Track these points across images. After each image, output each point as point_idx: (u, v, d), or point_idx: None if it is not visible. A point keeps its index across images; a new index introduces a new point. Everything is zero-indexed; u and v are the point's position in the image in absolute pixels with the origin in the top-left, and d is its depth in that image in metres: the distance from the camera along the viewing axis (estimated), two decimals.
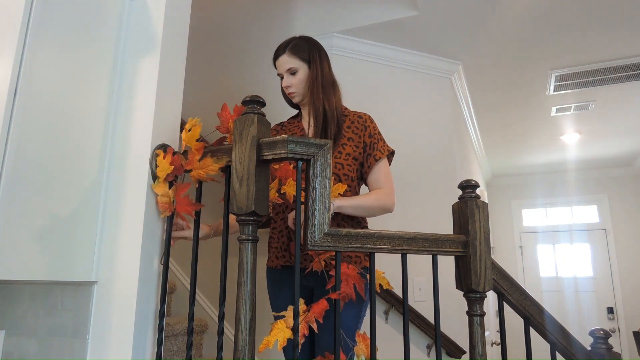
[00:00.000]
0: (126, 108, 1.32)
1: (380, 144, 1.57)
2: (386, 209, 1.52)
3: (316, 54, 1.59)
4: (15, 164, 1.02)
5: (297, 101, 1.63)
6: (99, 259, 1.23)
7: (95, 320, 1.19)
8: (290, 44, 1.58)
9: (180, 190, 1.21)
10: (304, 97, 1.61)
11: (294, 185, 1.28)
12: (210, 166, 1.15)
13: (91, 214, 1.23)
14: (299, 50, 1.57)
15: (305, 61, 1.57)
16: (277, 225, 1.59)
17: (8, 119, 1.01)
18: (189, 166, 1.18)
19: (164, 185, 1.22)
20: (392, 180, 1.57)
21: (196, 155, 1.17)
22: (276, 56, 1.61)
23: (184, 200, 1.20)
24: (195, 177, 1.18)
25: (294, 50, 1.57)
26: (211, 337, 2.53)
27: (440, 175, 2.89)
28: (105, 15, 1.31)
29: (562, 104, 3.79)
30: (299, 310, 1.06)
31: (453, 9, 2.54)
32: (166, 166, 1.19)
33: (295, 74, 1.57)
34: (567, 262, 5.69)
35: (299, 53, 1.57)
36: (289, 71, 1.57)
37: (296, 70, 1.57)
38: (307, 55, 1.57)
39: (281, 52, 1.58)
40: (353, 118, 1.60)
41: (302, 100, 1.62)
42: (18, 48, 1.04)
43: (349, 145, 1.54)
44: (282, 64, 1.58)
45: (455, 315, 2.60)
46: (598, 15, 2.58)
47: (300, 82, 1.57)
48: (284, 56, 1.58)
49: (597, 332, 1.35)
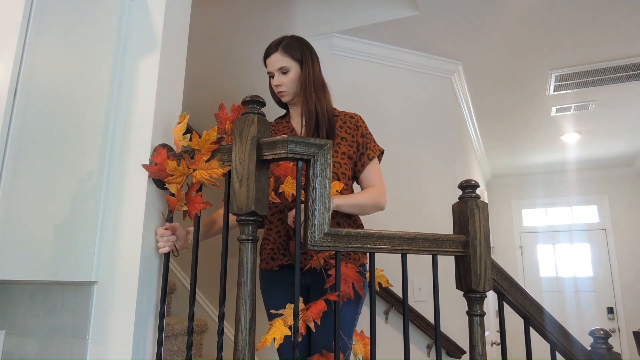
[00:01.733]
0: (126, 108, 1.32)
1: (372, 143, 1.60)
2: (380, 206, 1.56)
3: (308, 55, 1.58)
4: (15, 164, 1.02)
5: (287, 100, 1.62)
6: (99, 259, 1.23)
7: (95, 320, 1.19)
8: (282, 43, 1.57)
9: (192, 189, 1.21)
10: (294, 96, 1.60)
11: (292, 184, 1.28)
12: (216, 169, 1.15)
13: (91, 214, 1.23)
14: (291, 49, 1.56)
15: (297, 61, 1.57)
16: (274, 226, 1.58)
17: (8, 118, 1.01)
18: (194, 166, 1.18)
19: (174, 187, 1.22)
20: (383, 178, 1.60)
21: (204, 156, 1.17)
22: (267, 54, 1.59)
23: (196, 198, 1.20)
24: (197, 178, 1.18)
25: (286, 49, 1.56)
26: (211, 337, 2.53)
27: (440, 175, 2.89)
28: (105, 16, 1.31)
29: (562, 104, 3.79)
30: (299, 310, 1.06)
31: (453, 9, 2.54)
32: (173, 166, 1.19)
33: (286, 73, 1.56)
34: (567, 262, 5.69)
35: (291, 52, 1.56)
36: (280, 70, 1.56)
37: (288, 70, 1.56)
38: (299, 54, 1.57)
39: (273, 51, 1.57)
40: (345, 118, 1.61)
41: (292, 100, 1.62)
42: (18, 48, 1.04)
43: (343, 144, 1.56)
44: (274, 62, 1.57)
45: (455, 315, 2.60)
46: (598, 15, 2.58)
47: (292, 81, 1.56)
48: (275, 54, 1.56)
49: (597, 332, 1.34)
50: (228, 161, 1.15)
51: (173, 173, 1.20)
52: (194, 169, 1.19)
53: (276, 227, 1.57)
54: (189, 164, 1.19)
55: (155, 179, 1.24)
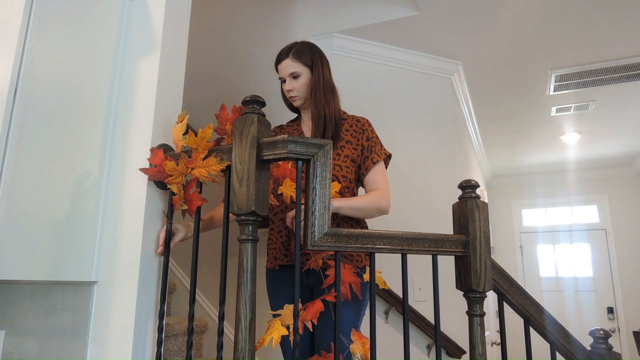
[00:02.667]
0: (126, 107, 1.32)
1: (377, 147, 1.61)
2: (382, 210, 1.55)
3: (318, 60, 1.61)
4: (15, 164, 1.02)
5: (298, 105, 1.65)
6: (99, 259, 1.23)
7: (95, 320, 1.19)
8: (293, 49, 1.60)
9: (189, 187, 1.21)
10: (305, 101, 1.63)
11: (290, 186, 1.28)
12: (213, 166, 1.15)
13: (91, 213, 1.23)
14: (301, 55, 1.59)
15: (308, 66, 1.60)
16: (275, 226, 1.60)
17: (8, 118, 1.01)
18: (192, 165, 1.18)
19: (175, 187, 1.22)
20: (388, 182, 1.60)
21: (201, 154, 1.17)
22: (279, 60, 1.62)
23: (194, 195, 1.20)
24: (195, 175, 1.18)
25: (297, 55, 1.59)
26: (211, 337, 2.53)
27: (440, 175, 2.89)
28: (105, 15, 1.31)
29: (562, 104, 3.79)
30: (298, 310, 1.06)
31: (453, 9, 2.54)
32: (173, 168, 1.19)
33: (297, 78, 1.59)
34: (567, 262, 5.69)
35: (301, 58, 1.59)
36: (291, 75, 1.59)
37: (299, 75, 1.59)
38: (309, 60, 1.60)
39: (284, 57, 1.60)
40: (351, 122, 1.63)
41: (303, 104, 1.65)
42: (18, 47, 1.04)
43: (347, 147, 1.57)
44: (285, 68, 1.60)
45: (455, 315, 2.60)
46: (598, 15, 2.58)
47: (303, 86, 1.59)
48: (287, 60, 1.59)
49: (597, 332, 1.34)
50: (225, 157, 1.15)
51: (172, 173, 1.20)
52: (192, 168, 1.19)
53: (277, 227, 1.58)
54: (186, 163, 1.19)
55: (156, 180, 1.24)
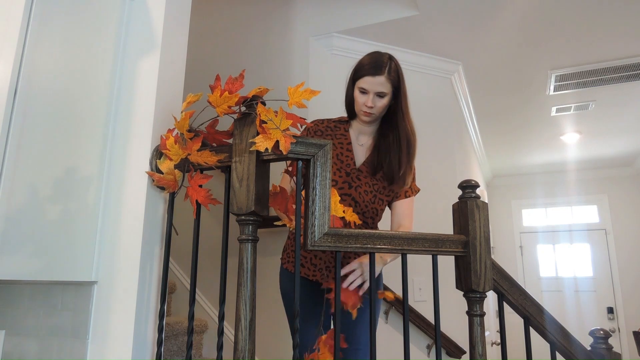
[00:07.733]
0: (126, 107, 1.32)
1: (414, 182, 1.68)
2: None
3: (403, 84, 1.57)
4: (15, 164, 1.02)
5: (369, 122, 1.60)
6: (99, 259, 1.23)
7: (95, 320, 1.19)
8: (389, 67, 1.52)
9: (197, 181, 1.20)
10: (376, 120, 1.61)
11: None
12: (209, 158, 1.15)
13: (91, 214, 1.23)
14: (395, 77, 1.53)
15: (394, 88, 1.54)
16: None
17: (8, 118, 1.01)
18: (187, 151, 1.18)
19: (169, 163, 1.21)
20: (413, 218, 1.66)
21: (194, 145, 1.17)
22: (373, 73, 1.51)
23: (202, 192, 1.18)
24: (192, 160, 1.18)
25: (390, 75, 1.52)
26: (211, 337, 2.53)
27: (440, 175, 2.88)
28: (105, 16, 1.31)
29: (562, 104, 3.79)
30: (298, 310, 1.06)
31: (453, 9, 2.54)
32: (172, 145, 1.19)
33: (382, 97, 1.53)
34: (567, 262, 5.69)
35: (393, 80, 1.53)
36: (378, 93, 1.52)
37: (385, 95, 1.53)
38: (398, 83, 1.54)
39: (381, 73, 1.51)
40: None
41: (373, 122, 1.62)
42: (18, 47, 1.04)
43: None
44: (377, 85, 1.51)
45: (455, 315, 2.60)
46: (598, 15, 2.58)
47: (384, 107, 1.55)
48: (381, 77, 1.50)
49: (597, 332, 1.35)
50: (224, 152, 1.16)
51: (171, 149, 1.19)
52: (188, 154, 1.18)
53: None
54: (182, 148, 1.19)
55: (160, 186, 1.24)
